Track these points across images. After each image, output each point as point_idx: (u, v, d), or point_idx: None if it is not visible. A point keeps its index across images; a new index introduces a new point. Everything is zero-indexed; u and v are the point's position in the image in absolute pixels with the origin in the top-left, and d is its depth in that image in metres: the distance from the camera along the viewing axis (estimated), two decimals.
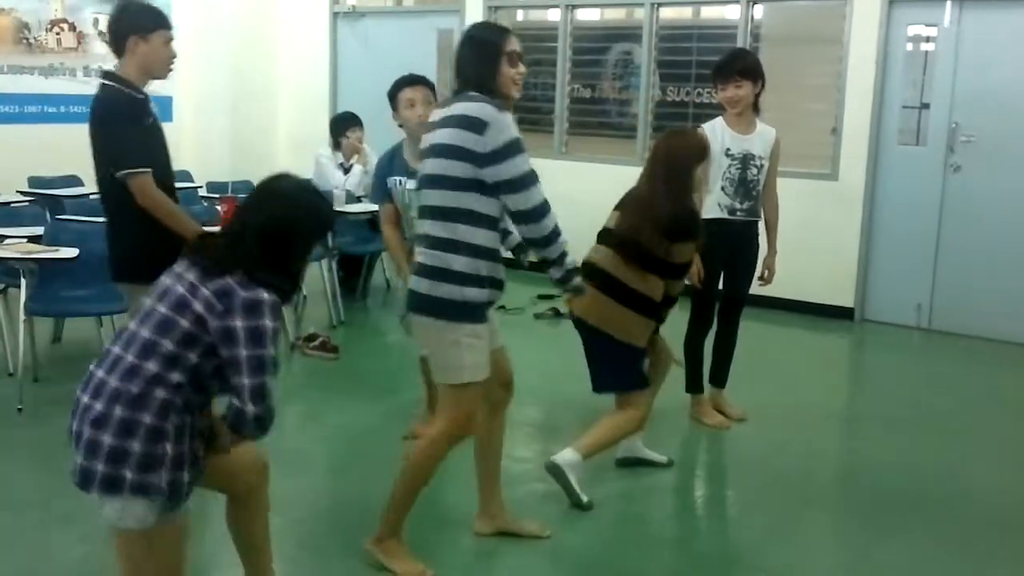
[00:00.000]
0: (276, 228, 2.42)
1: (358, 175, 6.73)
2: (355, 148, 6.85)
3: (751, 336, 4.99)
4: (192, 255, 2.43)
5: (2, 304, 5.16)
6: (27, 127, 7.84)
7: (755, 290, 4.71)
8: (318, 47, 9.34)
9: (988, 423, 4.90)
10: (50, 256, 4.71)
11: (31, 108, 7.94)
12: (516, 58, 3.02)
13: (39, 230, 5.14)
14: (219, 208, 5.77)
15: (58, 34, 8.09)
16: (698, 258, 4.39)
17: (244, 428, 2.35)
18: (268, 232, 2.40)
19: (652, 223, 3.58)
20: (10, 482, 3.79)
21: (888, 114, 6.73)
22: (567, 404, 4.76)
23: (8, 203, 6.14)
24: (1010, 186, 6.33)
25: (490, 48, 2.99)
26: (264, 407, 2.33)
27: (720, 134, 4.43)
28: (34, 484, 3.76)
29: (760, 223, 4.63)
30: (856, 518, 3.73)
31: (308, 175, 5.93)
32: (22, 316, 4.76)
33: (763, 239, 4.64)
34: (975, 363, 6.08)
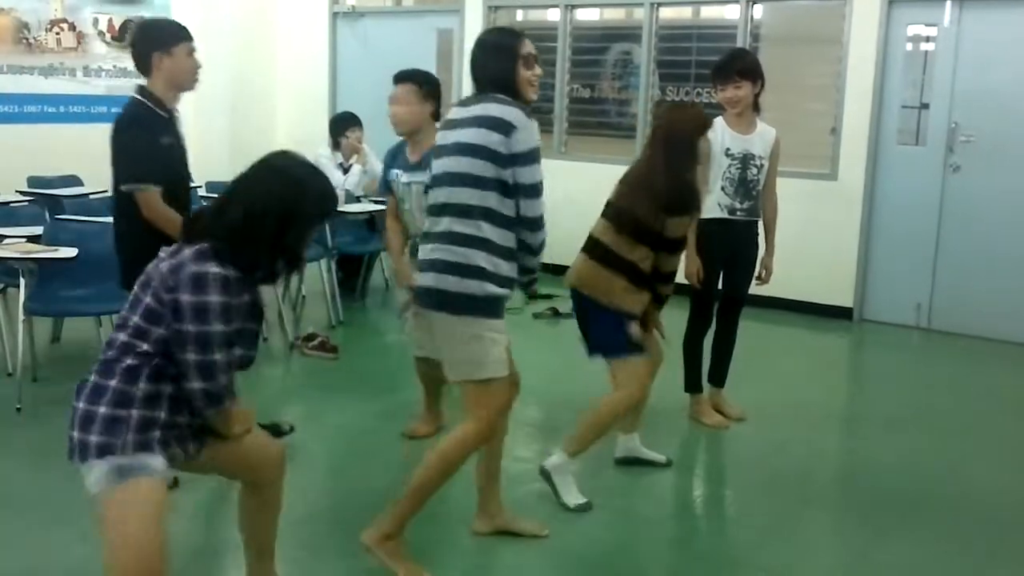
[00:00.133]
0: (268, 203, 2.40)
1: (357, 175, 6.73)
2: (355, 148, 6.85)
3: (750, 336, 4.99)
4: (184, 227, 2.50)
5: (1, 304, 5.15)
6: (27, 127, 7.84)
7: (754, 290, 4.70)
8: (318, 47, 9.34)
9: (988, 423, 4.90)
10: (49, 256, 4.71)
11: (31, 108, 7.94)
12: (532, 60, 3.06)
13: (38, 230, 5.13)
14: None
15: (58, 34, 8.08)
16: (698, 258, 4.41)
17: (195, 403, 2.36)
18: (258, 206, 2.39)
19: (650, 195, 3.57)
20: (10, 482, 3.79)
21: (888, 114, 6.73)
22: (567, 404, 4.75)
23: (7, 203, 6.13)
24: (1010, 186, 6.33)
25: (506, 51, 3.03)
26: (214, 383, 2.34)
27: (720, 134, 4.42)
28: (34, 484, 3.75)
29: (760, 223, 4.63)
30: (855, 518, 3.73)
31: None
32: (21, 316, 4.76)
33: (762, 239, 4.65)
34: (975, 363, 6.08)
